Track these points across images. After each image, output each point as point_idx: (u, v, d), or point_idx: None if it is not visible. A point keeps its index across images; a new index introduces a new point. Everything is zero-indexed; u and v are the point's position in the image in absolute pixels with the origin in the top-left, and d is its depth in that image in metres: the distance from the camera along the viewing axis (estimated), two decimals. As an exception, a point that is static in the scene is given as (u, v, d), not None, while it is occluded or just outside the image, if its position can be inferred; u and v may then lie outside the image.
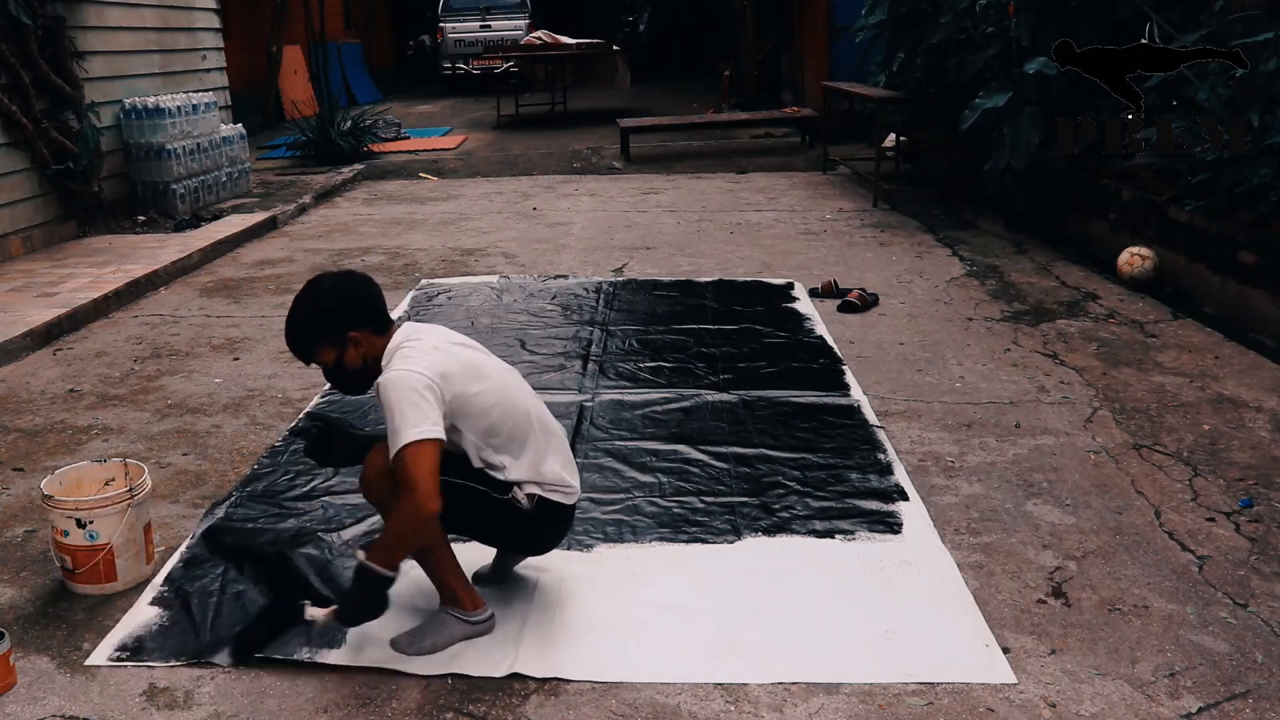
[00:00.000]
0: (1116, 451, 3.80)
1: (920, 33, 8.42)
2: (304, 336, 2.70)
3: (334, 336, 2.66)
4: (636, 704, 2.49)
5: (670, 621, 2.80)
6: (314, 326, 2.68)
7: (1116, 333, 5.15)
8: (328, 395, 4.55)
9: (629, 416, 4.24)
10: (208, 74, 9.86)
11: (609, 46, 17.38)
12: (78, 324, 5.72)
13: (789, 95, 15.31)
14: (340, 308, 2.67)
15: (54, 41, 7.40)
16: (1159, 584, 2.94)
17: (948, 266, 6.58)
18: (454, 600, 2.72)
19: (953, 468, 3.73)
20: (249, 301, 6.25)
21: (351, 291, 2.71)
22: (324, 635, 2.70)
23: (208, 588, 3.02)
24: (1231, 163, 5.21)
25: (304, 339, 2.70)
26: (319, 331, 2.67)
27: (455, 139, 13.68)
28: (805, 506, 3.44)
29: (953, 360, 4.84)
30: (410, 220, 8.68)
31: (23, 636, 2.83)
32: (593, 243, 7.55)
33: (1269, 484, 3.51)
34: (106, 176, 8.04)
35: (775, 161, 11.25)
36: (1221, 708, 2.43)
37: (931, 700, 2.48)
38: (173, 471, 3.88)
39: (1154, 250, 5.80)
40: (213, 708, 2.52)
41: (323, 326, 2.67)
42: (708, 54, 19.87)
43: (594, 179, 10.60)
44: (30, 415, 4.47)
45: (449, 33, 20.11)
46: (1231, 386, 4.38)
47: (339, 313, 2.66)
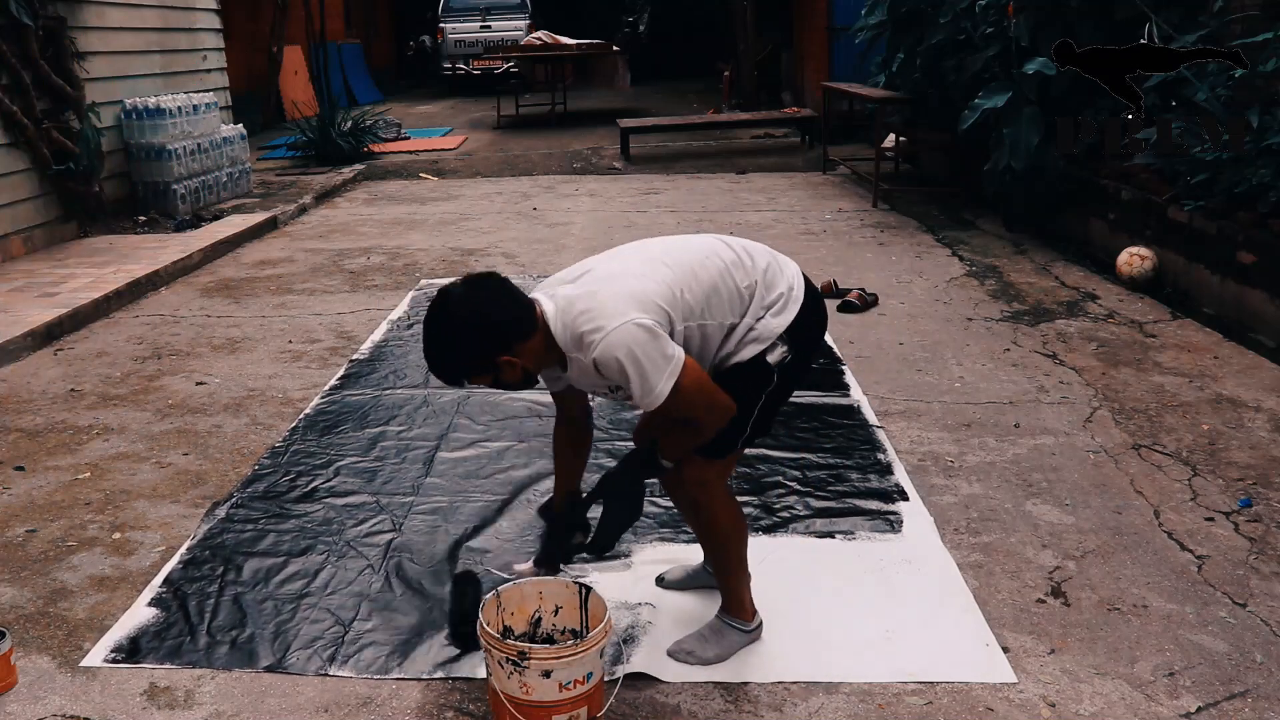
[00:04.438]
0: (1116, 451, 3.81)
1: (920, 33, 8.43)
2: (450, 375, 2.37)
3: (482, 368, 2.31)
4: (636, 703, 2.49)
5: (670, 621, 2.80)
6: (457, 369, 2.33)
7: (1116, 333, 5.15)
8: (328, 395, 4.56)
9: (629, 417, 4.24)
10: (208, 74, 9.87)
11: (609, 47, 17.41)
12: (79, 324, 5.73)
13: (789, 95, 15.32)
14: (479, 342, 2.26)
15: (55, 42, 7.41)
16: (1158, 584, 2.94)
17: (947, 266, 6.58)
18: (736, 609, 2.65)
19: (952, 467, 3.73)
20: (250, 301, 6.25)
21: (486, 316, 2.26)
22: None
23: (206, 589, 3.03)
24: (1231, 163, 5.21)
25: (451, 377, 2.38)
26: (465, 371, 2.33)
27: (455, 139, 13.68)
28: (805, 506, 3.44)
29: (952, 360, 4.84)
30: (411, 220, 8.68)
31: (23, 636, 2.83)
32: (593, 243, 7.55)
33: (1268, 484, 3.51)
34: (107, 177, 8.05)
35: (775, 161, 11.26)
36: (1221, 707, 2.43)
37: (931, 700, 2.48)
38: (173, 471, 3.88)
39: (1153, 250, 5.81)
40: (213, 707, 2.52)
41: (468, 367, 2.31)
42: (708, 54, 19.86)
43: (594, 179, 10.61)
44: (31, 415, 4.47)
45: (449, 33, 20.12)
46: (1231, 386, 4.38)
47: (480, 349, 2.27)
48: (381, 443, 4.05)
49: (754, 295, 2.41)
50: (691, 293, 2.34)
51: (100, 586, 3.09)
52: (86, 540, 3.37)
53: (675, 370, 2.21)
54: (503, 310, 2.28)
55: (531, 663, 2.26)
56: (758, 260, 2.46)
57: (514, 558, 3.08)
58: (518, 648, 2.28)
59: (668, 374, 2.21)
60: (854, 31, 9.82)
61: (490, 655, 2.32)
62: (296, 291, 6.46)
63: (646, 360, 2.19)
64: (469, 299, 2.28)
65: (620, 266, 2.37)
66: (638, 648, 2.68)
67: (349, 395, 4.57)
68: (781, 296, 2.43)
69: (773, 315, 2.41)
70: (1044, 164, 6.78)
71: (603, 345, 2.20)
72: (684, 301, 2.32)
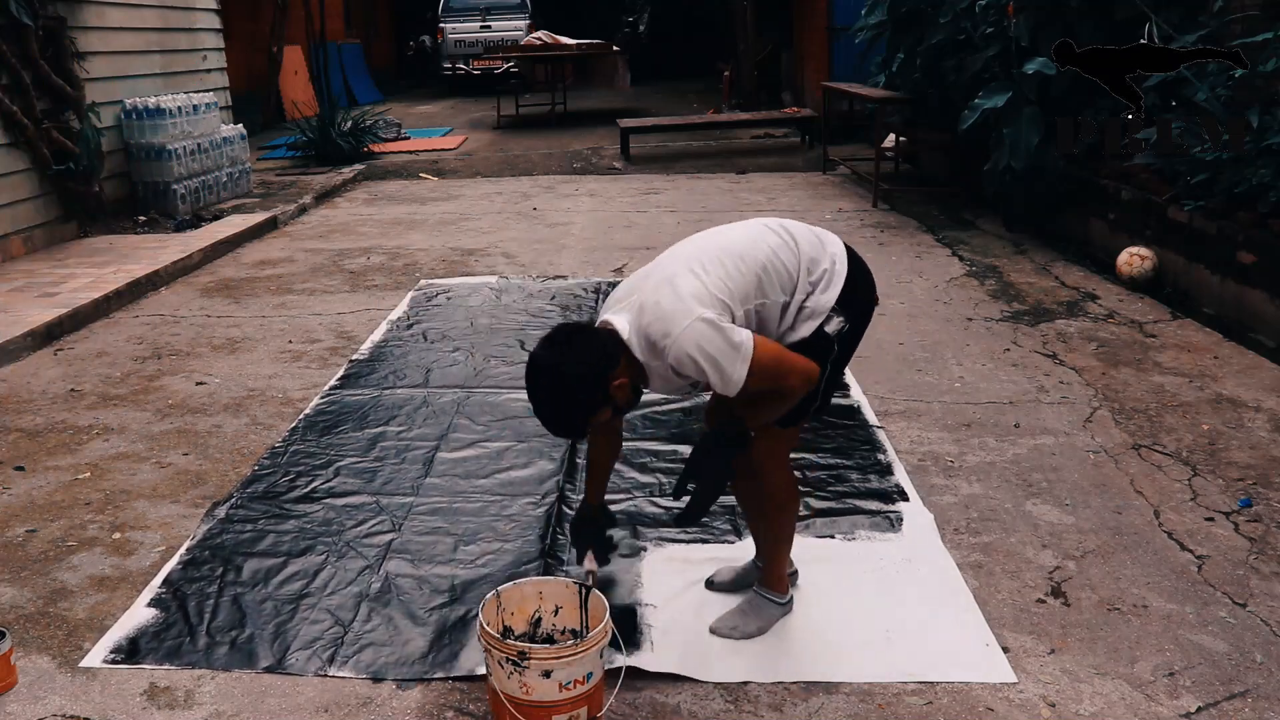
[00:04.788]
0: (1116, 451, 3.81)
1: (919, 33, 8.43)
2: (577, 429, 2.52)
3: (599, 406, 2.39)
4: (636, 703, 2.49)
5: (670, 621, 2.80)
6: (581, 421, 2.43)
7: (1116, 333, 5.15)
8: (328, 395, 4.56)
9: (628, 417, 4.24)
10: (208, 74, 9.87)
11: (609, 47, 17.41)
12: (79, 324, 5.73)
13: (789, 95, 15.32)
14: (586, 389, 2.34)
15: (55, 42, 7.41)
16: (1158, 584, 2.94)
17: (947, 266, 6.58)
18: (775, 582, 2.77)
19: (952, 468, 3.73)
20: (250, 301, 6.25)
21: (580, 363, 2.34)
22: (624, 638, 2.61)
23: (205, 590, 3.03)
24: (1231, 163, 5.22)
25: (578, 431, 2.53)
26: (586, 418, 2.42)
27: (455, 139, 13.68)
28: (805, 506, 3.43)
29: (952, 360, 4.84)
30: (411, 220, 8.68)
31: (23, 636, 2.83)
32: (593, 243, 7.55)
33: (1268, 484, 3.51)
34: (107, 177, 8.05)
35: (775, 162, 11.26)
36: (1220, 707, 2.43)
37: (931, 700, 2.48)
38: (173, 471, 3.88)
39: (1153, 250, 5.81)
40: (213, 707, 2.52)
41: (587, 414, 2.40)
42: (708, 54, 19.87)
43: (594, 179, 10.61)
44: (31, 415, 4.47)
45: (449, 33, 20.12)
46: (1231, 386, 4.38)
47: (589, 394, 2.35)
48: (381, 443, 4.05)
49: (800, 273, 2.52)
50: (744, 278, 2.44)
51: (100, 586, 3.09)
52: (86, 540, 3.37)
53: (747, 354, 2.32)
54: (589, 351, 2.37)
55: (531, 663, 2.26)
56: (800, 240, 2.57)
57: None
58: (518, 648, 2.28)
59: (740, 360, 2.32)
60: (854, 31, 9.82)
61: (490, 655, 2.32)
62: (296, 291, 6.46)
63: (717, 353, 2.31)
64: (557, 356, 2.36)
65: (674, 268, 2.46)
66: (639, 649, 2.68)
67: (349, 395, 4.57)
68: (826, 272, 2.54)
69: (820, 291, 2.52)
70: (1044, 164, 6.78)
71: (675, 347, 2.32)
72: (740, 288, 2.43)
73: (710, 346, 2.30)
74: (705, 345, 2.29)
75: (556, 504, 3.49)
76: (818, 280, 2.53)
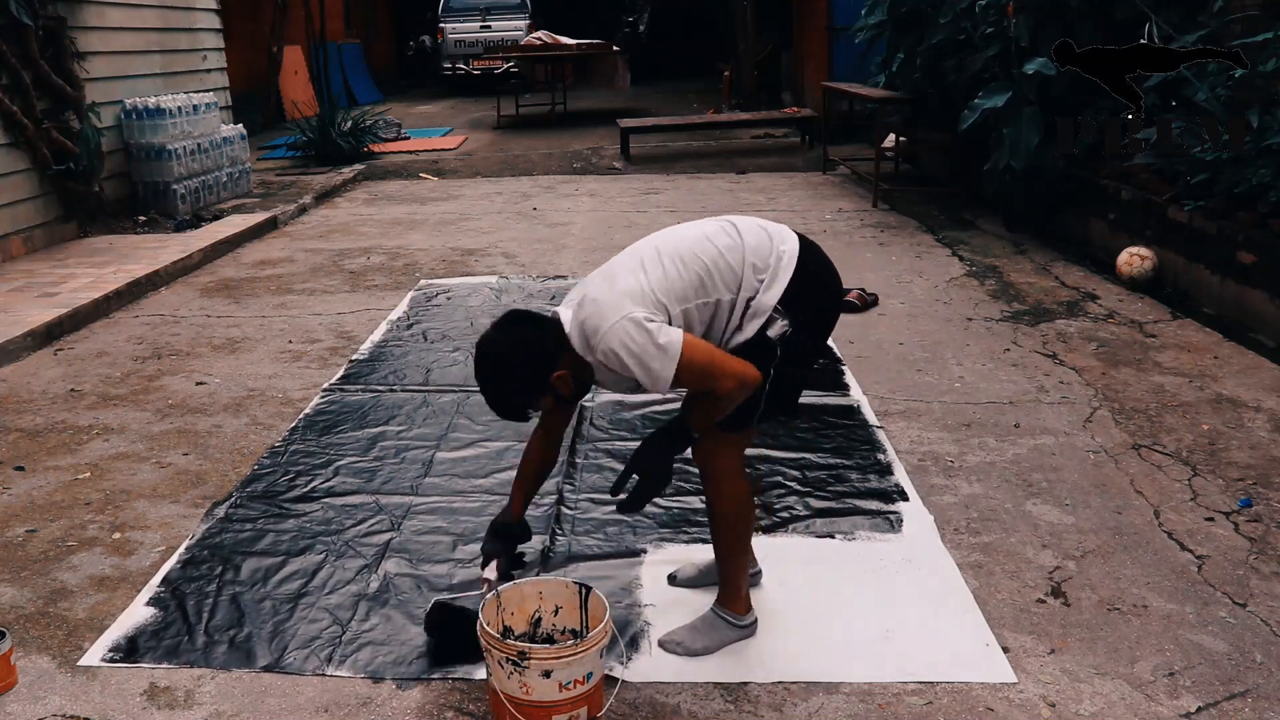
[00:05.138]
0: (1116, 451, 3.81)
1: (919, 33, 8.43)
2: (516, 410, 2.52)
3: (539, 390, 2.46)
4: (636, 703, 2.49)
5: (670, 621, 2.80)
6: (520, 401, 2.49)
7: (1116, 333, 5.15)
8: (328, 395, 4.56)
9: (628, 417, 4.24)
10: (208, 74, 9.87)
11: (609, 47, 17.41)
12: (78, 324, 5.73)
13: (789, 95, 15.32)
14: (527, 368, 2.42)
15: (55, 42, 7.41)
16: (1158, 584, 2.94)
17: (947, 266, 6.58)
18: (731, 601, 2.69)
19: (952, 467, 3.73)
20: (250, 301, 6.25)
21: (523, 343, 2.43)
22: None
23: (204, 589, 3.03)
24: (1231, 163, 5.21)
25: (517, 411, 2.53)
26: (526, 400, 2.48)
27: (455, 139, 13.68)
28: (805, 506, 3.44)
29: (952, 360, 4.84)
30: (411, 220, 8.68)
31: (23, 636, 2.83)
32: (593, 243, 7.55)
33: (1268, 484, 3.51)
34: (107, 177, 8.05)
35: (775, 162, 11.26)
36: (1220, 707, 2.43)
37: (931, 700, 2.48)
38: (173, 471, 3.88)
39: (1153, 250, 5.81)
40: (213, 707, 2.52)
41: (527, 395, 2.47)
42: (708, 54, 19.87)
43: (594, 179, 10.61)
44: (31, 415, 4.47)
45: (449, 33, 20.12)
46: (1231, 386, 4.38)
47: (531, 375, 2.43)
48: (381, 443, 4.05)
49: (745, 270, 2.48)
50: (685, 278, 2.43)
51: (100, 586, 3.09)
52: (86, 540, 3.37)
53: (674, 354, 2.31)
54: (534, 334, 2.45)
55: (531, 663, 2.26)
56: (746, 237, 2.53)
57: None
58: (518, 648, 2.28)
59: (667, 359, 2.31)
60: (854, 31, 9.82)
61: (490, 655, 2.32)
62: (296, 291, 6.46)
63: (641, 351, 2.31)
64: (502, 337, 2.46)
65: (617, 267, 2.49)
66: (639, 649, 2.68)
67: (348, 395, 4.57)
68: (771, 269, 2.49)
69: (764, 290, 2.47)
70: (1044, 164, 6.78)
71: (602, 343, 2.34)
72: (679, 288, 2.42)
73: (634, 345, 2.30)
74: (629, 343, 2.31)
75: (556, 504, 3.49)
76: (762, 278, 2.47)
